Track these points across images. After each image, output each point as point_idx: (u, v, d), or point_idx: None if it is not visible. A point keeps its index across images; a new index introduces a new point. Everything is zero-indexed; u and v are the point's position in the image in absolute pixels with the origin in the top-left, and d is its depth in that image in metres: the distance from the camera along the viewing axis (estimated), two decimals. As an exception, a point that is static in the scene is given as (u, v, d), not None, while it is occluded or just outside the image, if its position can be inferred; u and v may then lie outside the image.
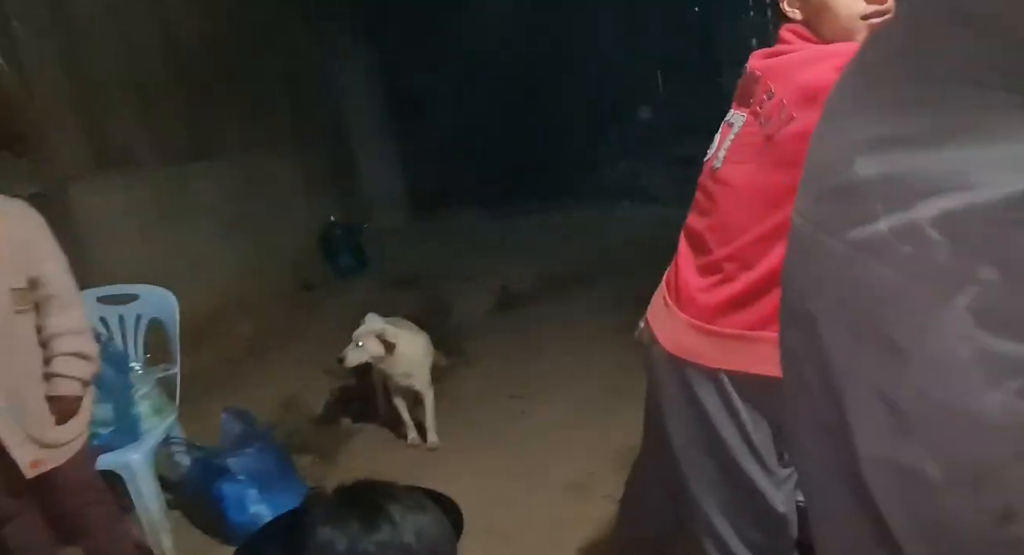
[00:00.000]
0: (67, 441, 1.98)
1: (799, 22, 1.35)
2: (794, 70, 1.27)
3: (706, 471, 1.41)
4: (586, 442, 2.93)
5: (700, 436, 1.40)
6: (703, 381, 1.37)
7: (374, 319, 3.01)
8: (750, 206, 1.32)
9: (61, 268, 2.01)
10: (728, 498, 1.41)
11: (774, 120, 1.27)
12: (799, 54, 1.30)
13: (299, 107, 5.90)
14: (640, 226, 7.22)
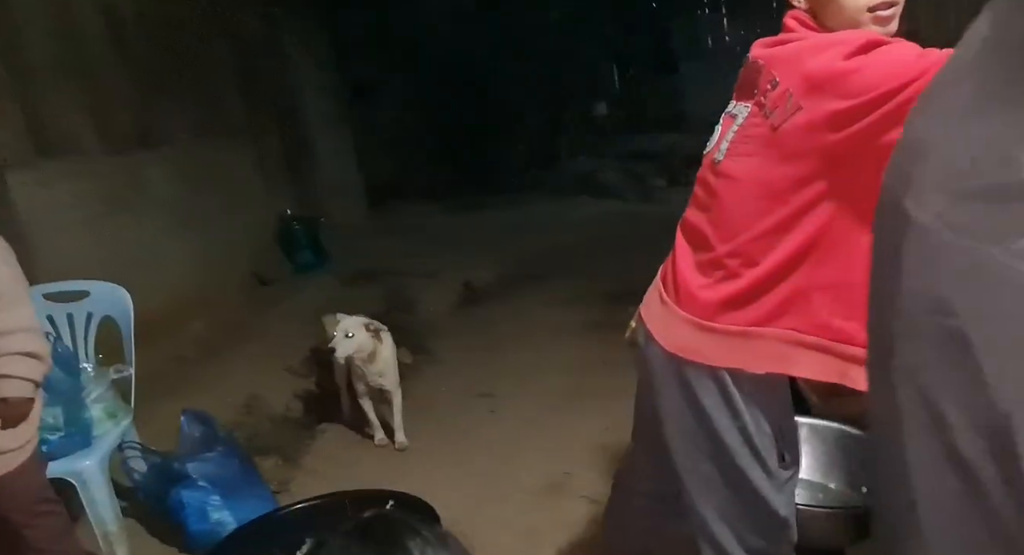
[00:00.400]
0: (15, 447, 1.85)
1: (804, 10, 1.31)
2: (800, 58, 1.22)
3: (705, 474, 1.38)
4: (558, 441, 2.90)
5: (699, 438, 1.36)
6: (703, 380, 1.33)
7: (344, 318, 2.88)
8: (755, 200, 1.28)
9: (5, 263, 1.87)
10: (728, 502, 1.37)
11: (779, 111, 1.22)
12: (805, 42, 1.25)
13: (252, 95, 5.70)
14: (597, 221, 7.25)
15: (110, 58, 4.03)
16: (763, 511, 1.36)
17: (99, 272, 2.81)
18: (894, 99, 1.09)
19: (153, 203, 4.26)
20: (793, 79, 1.21)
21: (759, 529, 1.37)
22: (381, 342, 2.87)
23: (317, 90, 7.17)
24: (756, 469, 1.33)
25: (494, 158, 9.56)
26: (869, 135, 1.13)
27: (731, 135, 1.34)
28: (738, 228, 1.30)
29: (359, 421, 3.22)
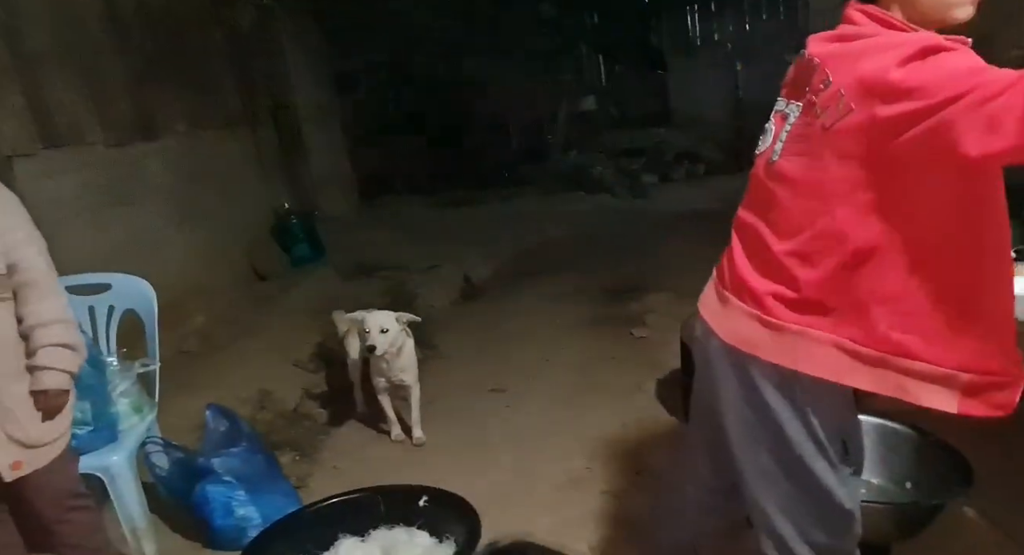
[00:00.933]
0: (50, 441, 1.82)
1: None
2: (857, 59, 1.17)
3: (765, 467, 1.36)
4: (576, 438, 2.92)
5: (759, 429, 1.35)
6: (765, 373, 1.33)
7: (375, 314, 2.85)
8: (810, 201, 1.26)
9: (41, 252, 1.84)
10: (790, 496, 1.35)
11: (831, 111, 1.19)
12: (866, 42, 1.20)
13: (247, 86, 5.63)
14: (590, 217, 7.30)
15: (110, 47, 3.96)
16: (827, 504, 1.33)
17: (101, 265, 2.77)
18: (938, 113, 1.06)
19: (153, 195, 4.19)
20: (846, 79, 1.17)
21: (823, 523, 1.36)
22: (404, 337, 2.86)
23: (309, 82, 7.11)
24: (820, 461, 1.31)
25: (484, 153, 9.54)
26: (914, 146, 1.10)
27: (784, 135, 1.32)
28: (795, 228, 1.28)
29: (373, 417, 3.22)
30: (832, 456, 1.33)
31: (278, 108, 6.31)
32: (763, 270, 1.35)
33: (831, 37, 1.29)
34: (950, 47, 1.12)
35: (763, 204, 1.37)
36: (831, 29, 1.33)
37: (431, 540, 2.10)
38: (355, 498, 2.20)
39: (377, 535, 2.14)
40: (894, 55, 1.11)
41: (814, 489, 1.33)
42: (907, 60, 1.10)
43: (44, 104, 3.33)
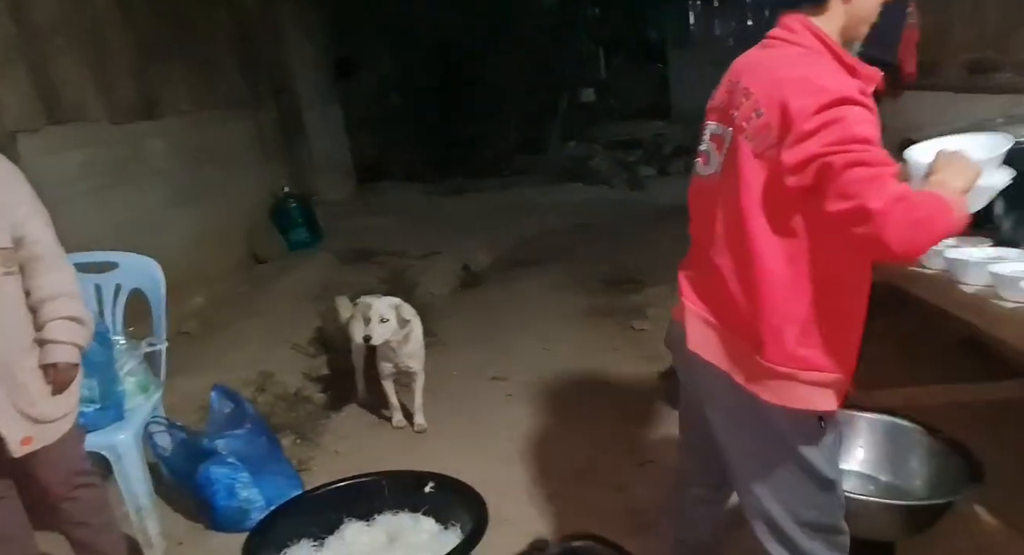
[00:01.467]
0: (59, 417, 1.82)
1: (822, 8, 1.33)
2: (784, 94, 1.25)
3: (754, 451, 1.41)
4: (577, 427, 2.93)
5: (745, 417, 1.40)
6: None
7: (375, 301, 2.85)
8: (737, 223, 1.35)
9: (46, 225, 1.83)
10: (777, 476, 1.39)
11: (761, 138, 1.27)
12: (791, 69, 1.28)
13: (250, 68, 5.58)
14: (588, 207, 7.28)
15: (116, 24, 3.92)
16: (812, 478, 1.37)
17: (103, 243, 2.75)
18: (814, 163, 1.18)
19: (154, 175, 4.17)
20: (774, 113, 1.24)
21: (810, 498, 1.39)
22: (412, 324, 2.85)
23: (309, 65, 7.05)
24: (799, 437, 1.35)
25: (482, 141, 9.51)
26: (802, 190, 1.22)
27: (721, 157, 1.38)
28: (720, 246, 1.38)
29: (374, 402, 3.22)
30: (813, 435, 1.36)
31: (280, 91, 6.26)
32: (704, 279, 1.45)
33: (759, 49, 1.39)
34: (861, 101, 1.21)
35: (705, 223, 1.43)
36: None
37: (437, 526, 2.11)
38: (360, 482, 2.20)
39: (382, 520, 2.14)
40: (814, 101, 1.20)
41: (798, 465, 1.37)
42: (822, 108, 1.19)
43: (49, 80, 3.30)
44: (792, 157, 1.20)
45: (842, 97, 1.19)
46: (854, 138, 1.16)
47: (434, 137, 9.43)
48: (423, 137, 9.43)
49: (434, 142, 9.42)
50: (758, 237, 1.28)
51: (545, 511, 2.40)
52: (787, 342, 1.29)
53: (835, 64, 1.30)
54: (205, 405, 2.72)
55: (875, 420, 1.91)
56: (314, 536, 2.08)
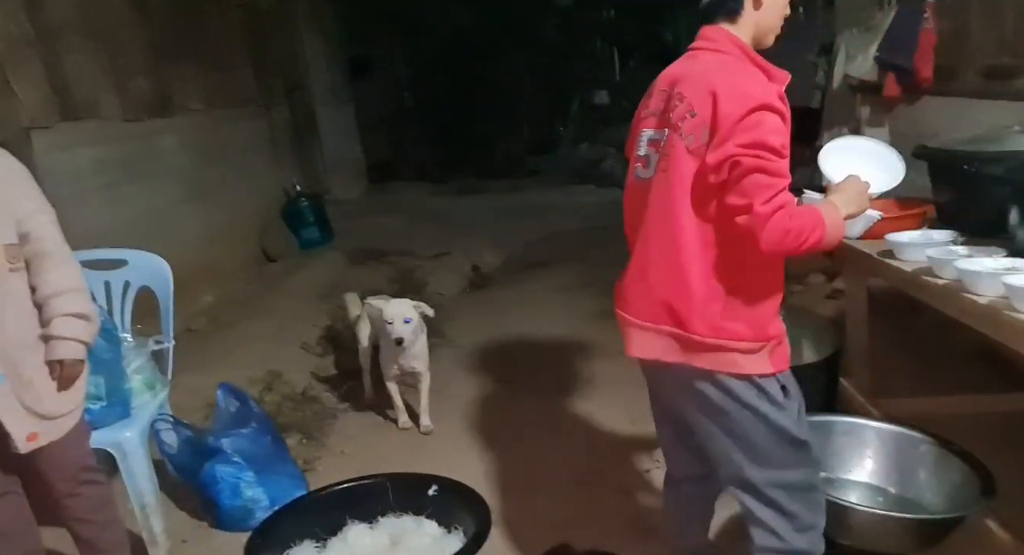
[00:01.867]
0: (66, 413, 1.82)
1: (735, 19, 1.49)
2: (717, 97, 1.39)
3: (728, 426, 1.51)
4: (585, 432, 2.91)
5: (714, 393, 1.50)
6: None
7: (395, 303, 2.87)
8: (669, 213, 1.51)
9: (52, 221, 1.83)
10: (754, 444, 1.49)
11: (695, 137, 1.42)
12: (719, 72, 1.43)
13: (263, 66, 5.60)
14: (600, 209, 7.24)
15: (130, 21, 3.94)
16: (787, 441, 1.48)
17: (114, 240, 2.76)
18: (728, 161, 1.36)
19: (166, 172, 4.19)
20: (707, 113, 1.40)
21: (786, 460, 1.50)
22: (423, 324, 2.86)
23: (323, 64, 7.08)
24: (766, 405, 1.47)
25: (493, 143, 9.51)
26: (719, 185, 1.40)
27: (656, 158, 1.51)
28: (651, 238, 1.52)
29: (380, 403, 3.21)
30: (777, 399, 1.48)
31: (293, 90, 6.29)
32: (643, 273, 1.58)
33: (686, 60, 1.54)
34: (779, 109, 1.38)
35: (637, 222, 1.58)
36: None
37: (439, 530, 2.10)
38: (364, 484, 2.19)
39: (385, 522, 2.14)
40: (741, 105, 1.36)
41: (772, 431, 1.49)
42: (745, 114, 1.35)
43: (63, 77, 3.32)
44: (714, 158, 1.37)
45: (763, 104, 1.36)
46: (765, 145, 1.34)
47: (446, 137, 9.44)
48: (435, 137, 9.45)
49: (446, 142, 9.43)
50: (685, 224, 1.45)
51: (549, 515, 2.38)
52: (713, 316, 1.45)
53: (755, 69, 1.46)
54: (211, 403, 2.72)
55: (885, 430, 1.88)
56: (317, 537, 2.08)
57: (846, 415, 2.05)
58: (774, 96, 1.38)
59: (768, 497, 1.51)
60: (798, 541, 1.51)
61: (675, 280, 1.47)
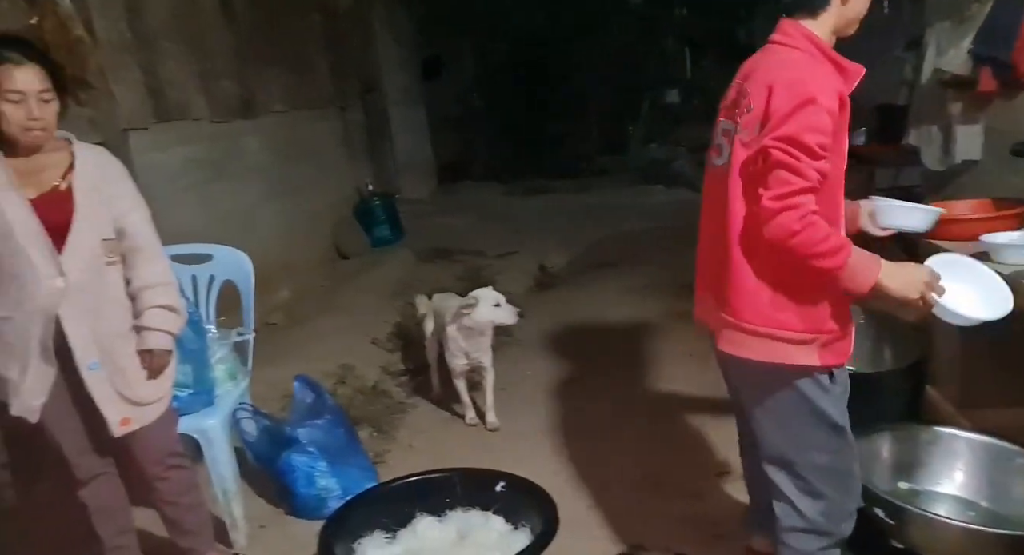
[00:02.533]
0: (155, 400, 1.92)
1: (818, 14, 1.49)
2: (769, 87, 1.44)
3: (774, 405, 1.57)
4: (652, 433, 2.88)
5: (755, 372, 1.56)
6: None
7: (483, 292, 2.96)
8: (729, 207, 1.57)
9: (146, 218, 1.93)
10: (794, 424, 1.56)
11: (748, 131, 1.48)
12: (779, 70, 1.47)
13: (340, 68, 5.76)
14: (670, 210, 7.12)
15: (218, 27, 4.11)
16: (823, 423, 1.54)
17: (200, 236, 2.88)
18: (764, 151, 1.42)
19: (249, 171, 4.35)
20: (761, 109, 1.45)
21: (821, 443, 1.55)
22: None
23: (396, 65, 7.22)
24: (812, 387, 1.52)
25: (562, 143, 9.49)
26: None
27: (728, 149, 1.55)
28: (715, 225, 1.57)
29: (447, 399, 3.26)
30: (822, 384, 1.53)
31: (367, 91, 6.43)
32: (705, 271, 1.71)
33: (761, 52, 1.57)
34: (829, 107, 1.41)
35: (709, 208, 1.64)
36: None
37: (507, 526, 2.11)
38: (434, 478, 2.23)
39: (453, 516, 2.17)
40: (789, 100, 1.40)
41: (813, 414, 1.54)
42: (794, 109, 1.40)
43: (158, 80, 3.49)
44: (755, 148, 1.44)
45: (811, 99, 1.39)
46: (797, 141, 1.38)
47: (515, 137, 9.48)
48: (504, 137, 9.50)
49: (515, 142, 9.47)
50: (736, 214, 1.49)
51: (616, 516, 2.36)
52: (762, 306, 1.50)
53: (824, 64, 1.48)
54: (288, 394, 2.81)
55: (976, 441, 1.79)
56: (387, 528, 2.12)
57: (933, 425, 1.96)
58: (829, 94, 1.40)
59: (802, 477, 1.57)
60: (822, 522, 1.57)
61: (726, 270, 1.52)
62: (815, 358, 1.49)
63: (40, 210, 1.75)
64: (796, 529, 1.59)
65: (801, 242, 1.37)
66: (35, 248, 1.75)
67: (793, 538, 1.61)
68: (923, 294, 1.43)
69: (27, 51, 1.73)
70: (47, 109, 1.72)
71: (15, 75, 1.67)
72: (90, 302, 1.80)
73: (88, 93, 2.96)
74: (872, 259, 1.42)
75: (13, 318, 1.77)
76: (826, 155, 1.40)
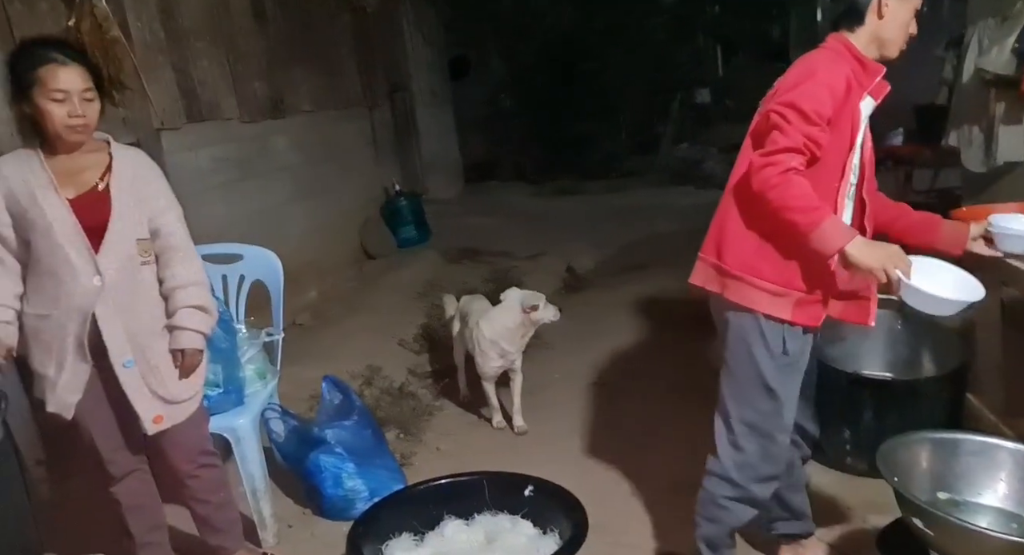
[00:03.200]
0: (187, 398, 1.93)
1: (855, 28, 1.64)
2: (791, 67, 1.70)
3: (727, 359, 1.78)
4: (681, 438, 2.82)
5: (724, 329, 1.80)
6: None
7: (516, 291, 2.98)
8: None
9: (180, 218, 1.94)
10: (736, 379, 1.76)
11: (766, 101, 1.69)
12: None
13: (368, 69, 5.78)
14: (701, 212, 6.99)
15: (249, 28, 4.15)
16: (759, 382, 1.71)
17: (230, 236, 2.90)
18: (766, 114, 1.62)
19: (278, 171, 4.38)
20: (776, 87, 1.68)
21: (754, 401, 1.73)
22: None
23: (424, 66, 7.23)
24: (759, 348, 1.69)
25: (591, 143, 9.43)
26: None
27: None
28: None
29: (474, 402, 3.24)
30: (771, 347, 1.68)
31: (394, 91, 6.45)
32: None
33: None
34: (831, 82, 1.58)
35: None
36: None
37: (535, 531, 2.09)
38: (462, 481, 2.22)
39: (481, 520, 2.15)
40: (798, 74, 1.62)
41: (752, 369, 1.71)
42: (801, 80, 1.59)
43: (190, 80, 3.53)
44: (762, 112, 1.63)
45: (812, 73, 1.58)
46: (794, 105, 1.54)
47: (543, 138, 9.45)
48: (532, 137, 9.47)
49: (543, 143, 9.44)
50: (740, 167, 1.66)
51: (644, 521, 2.34)
52: (744, 252, 1.65)
53: (843, 58, 1.62)
54: (316, 394, 2.82)
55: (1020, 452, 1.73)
56: (415, 530, 2.11)
57: (975, 433, 1.90)
58: (835, 75, 1.57)
59: (731, 428, 1.77)
60: (735, 474, 1.77)
61: (722, 218, 1.71)
62: (787, 312, 1.65)
63: (78, 210, 1.78)
64: (713, 473, 1.83)
65: (778, 195, 1.51)
66: (73, 248, 1.77)
67: (708, 481, 1.85)
68: (885, 266, 1.50)
69: (70, 51, 1.76)
70: (89, 108, 1.75)
71: (59, 74, 1.70)
72: (125, 301, 1.82)
73: (123, 93, 2.99)
74: (847, 231, 1.54)
75: (51, 316, 1.80)
76: (820, 123, 1.54)
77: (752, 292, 1.65)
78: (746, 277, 1.65)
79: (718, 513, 1.85)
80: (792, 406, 1.76)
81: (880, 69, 1.63)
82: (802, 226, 1.52)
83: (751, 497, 1.79)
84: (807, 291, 1.64)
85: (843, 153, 1.62)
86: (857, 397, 2.38)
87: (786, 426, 1.76)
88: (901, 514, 1.67)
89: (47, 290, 1.80)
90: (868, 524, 2.15)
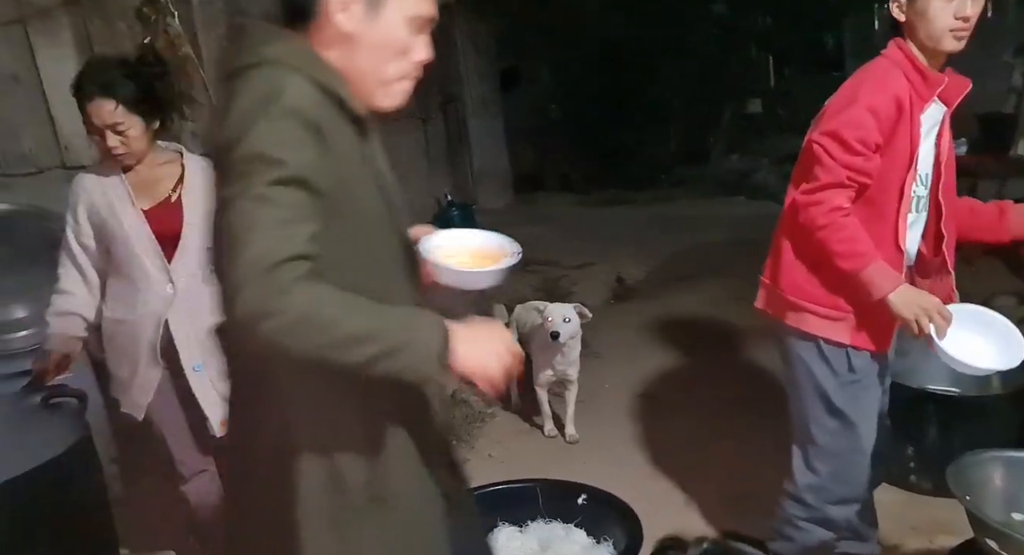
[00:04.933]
0: None
1: (902, 30, 1.60)
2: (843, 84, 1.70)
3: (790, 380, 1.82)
4: (735, 452, 2.81)
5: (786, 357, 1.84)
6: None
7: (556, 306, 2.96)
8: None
9: None
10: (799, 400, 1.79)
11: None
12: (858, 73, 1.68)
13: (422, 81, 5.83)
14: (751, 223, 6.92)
15: (309, 42, 4.27)
16: (823, 401, 1.71)
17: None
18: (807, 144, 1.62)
19: (335, 181, 4.48)
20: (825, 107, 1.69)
21: (821, 421, 1.72)
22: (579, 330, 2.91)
23: (475, 77, 7.31)
24: (820, 366, 1.69)
25: (641, 153, 9.39)
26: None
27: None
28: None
29: (526, 409, 3.27)
30: (836, 368, 1.68)
31: (447, 102, 6.55)
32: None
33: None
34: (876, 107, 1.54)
35: None
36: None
37: (588, 540, 2.10)
38: (515, 488, 2.25)
39: (535, 527, 2.17)
40: (843, 97, 1.61)
41: (817, 392, 1.71)
42: (845, 105, 1.58)
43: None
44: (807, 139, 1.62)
45: (855, 97, 1.55)
46: (836, 135, 1.52)
47: (593, 148, 9.44)
48: (582, 148, 9.48)
49: (593, 153, 9.44)
50: (789, 195, 1.67)
51: (697, 532, 2.32)
52: (798, 277, 1.67)
53: (899, 71, 1.58)
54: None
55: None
56: (469, 536, 2.14)
57: (1048, 455, 1.83)
58: (881, 94, 1.53)
59: (804, 449, 1.77)
60: (809, 496, 1.76)
61: (777, 242, 1.74)
62: (846, 337, 1.64)
63: (153, 221, 1.87)
64: (788, 494, 1.82)
65: (823, 238, 1.53)
66: (148, 257, 1.86)
67: (785, 501, 1.84)
68: (918, 317, 1.50)
69: (103, 82, 1.78)
70: (122, 138, 1.81)
71: (89, 108, 1.79)
72: (195, 307, 1.89)
73: (193, 108, 3.12)
74: (892, 278, 1.53)
75: (126, 321, 1.89)
76: (865, 152, 1.51)
77: (809, 317, 1.66)
78: (801, 302, 1.66)
79: (794, 533, 1.84)
80: (869, 427, 1.72)
81: (940, 79, 1.58)
82: (847, 271, 1.55)
83: (826, 518, 1.78)
84: (863, 315, 1.63)
85: (901, 173, 1.58)
86: (922, 413, 2.32)
87: (862, 447, 1.73)
88: (973, 535, 1.62)
89: (124, 297, 1.89)
90: (935, 545, 2.10)
